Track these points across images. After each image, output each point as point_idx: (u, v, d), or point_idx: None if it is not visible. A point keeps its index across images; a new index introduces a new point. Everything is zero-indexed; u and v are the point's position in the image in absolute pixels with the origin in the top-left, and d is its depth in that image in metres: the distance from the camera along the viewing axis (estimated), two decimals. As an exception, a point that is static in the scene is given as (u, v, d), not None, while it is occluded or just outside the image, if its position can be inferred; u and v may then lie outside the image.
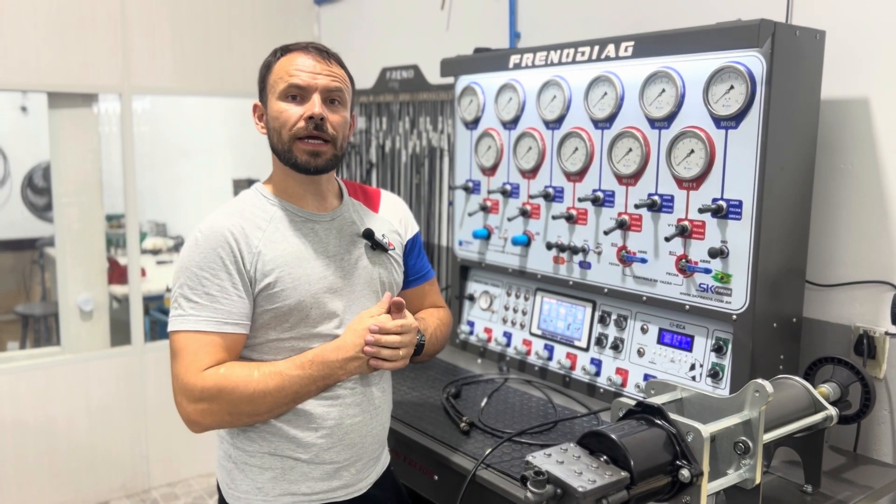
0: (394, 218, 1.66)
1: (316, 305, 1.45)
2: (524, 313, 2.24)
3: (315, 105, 1.42)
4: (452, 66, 2.37)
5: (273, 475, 1.47)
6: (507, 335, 2.28)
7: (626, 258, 1.90)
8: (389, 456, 1.69)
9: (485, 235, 2.31)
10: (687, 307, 1.78)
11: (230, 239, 1.40)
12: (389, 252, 1.59)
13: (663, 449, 1.18)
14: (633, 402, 1.28)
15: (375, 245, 1.56)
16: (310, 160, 1.44)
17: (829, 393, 1.53)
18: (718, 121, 1.68)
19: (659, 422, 1.21)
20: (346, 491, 1.52)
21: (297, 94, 1.43)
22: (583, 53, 1.94)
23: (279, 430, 1.45)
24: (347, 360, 1.41)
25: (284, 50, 1.48)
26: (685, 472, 1.16)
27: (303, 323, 1.45)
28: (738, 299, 1.68)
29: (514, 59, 2.14)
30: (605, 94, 1.91)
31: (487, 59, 2.24)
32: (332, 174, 1.55)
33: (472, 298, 2.43)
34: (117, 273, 4.42)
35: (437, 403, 1.95)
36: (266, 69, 1.49)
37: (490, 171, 2.28)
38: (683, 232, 1.75)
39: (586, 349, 2.05)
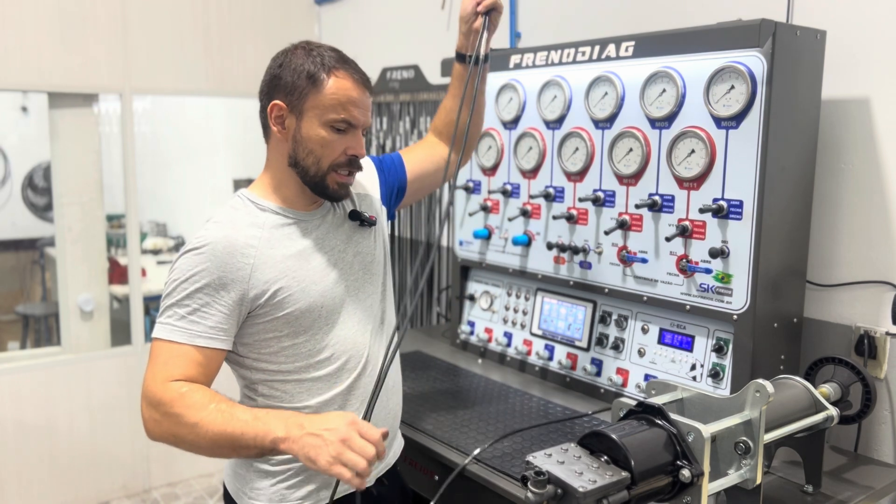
0: (362, 185, 1.66)
1: (326, 303, 1.45)
2: (525, 313, 2.24)
3: (360, 142, 1.45)
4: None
5: (298, 480, 1.46)
6: (508, 335, 2.28)
7: (626, 258, 1.90)
8: (402, 444, 1.70)
9: (485, 235, 2.31)
10: (687, 307, 1.78)
11: (222, 254, 1.37)
12: (374, 228, 1.60)
13: (664, 449, 1.18)
14: (633, 403, 1.28)
15: (364, 223, 1.56)
16: (339, 190, 1.47)
17: (830, 393, 1.53)
18: (719, 121, 1.67)
19: (660, 422, 1.21)
20: (368, 478, 1.53)
21: (345, 128, 1.43)
22: (583, 53, 1.94)
23: None
24: (304, 441, 1.24)
25: (332, 67, 1.41)
26: (686, 473, 1.16)
27: (316, 323, 1.44)
28: (738, 299, 1.68)
29: (514, 58, 2.14)
30: (606, 93, 1.91)
31: (488, 59, 2.24)
32: None
33: (472, 298, 2.43)
34: (118, 273, 4.42)
35: (437, 403, 1.95)
36: (311, 82, 1.41)
37: (490, 171, 2.28)
38: (684, 232, 1.75)
39: (587, 349, 2.05)
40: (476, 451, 1.63)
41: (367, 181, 1.68)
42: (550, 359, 2.14)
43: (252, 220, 1.44)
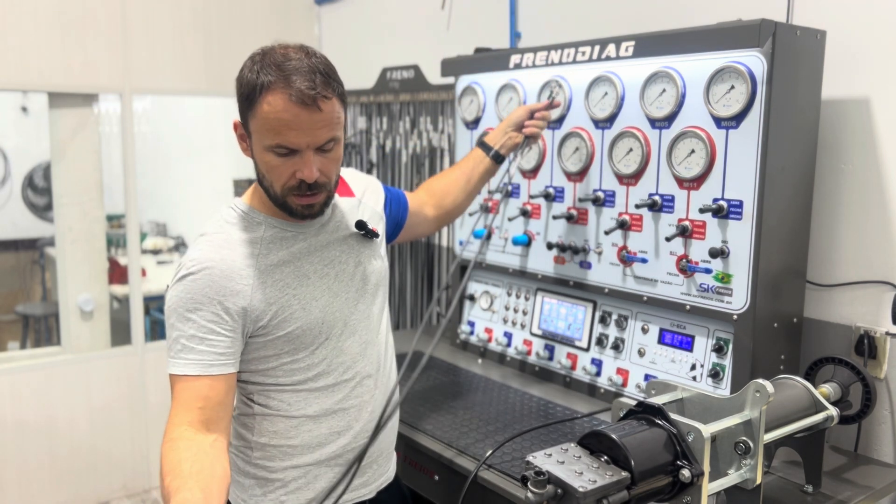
0: (368, 196, 1.63)
1: (327, 318, 1.43)
2: (525, 313, 2.24)
3: (307, 165, 1.31)
4: (453, 66, 2.37)
5: (296, 487, 1.46)
6: (508, 335, 2.28)
7: (626, 258, 1.90)
8: (395, 462, 1.69)
9: (485, 235, 2.31)
10: (687, 307, 1.78)
11: (219, 278, 1.33)
12: (376, 240, 1.57)
13: (664, 449, 1.18)
14: (633, 402, 1.28)
15: (367, 234, 1.53)
16: (304, 211, 1.38)
17: (830, 393, 1.53)
18: (719, 121, 1.67)
19: (660, 422, 1.21)
20: (368, 489, 1.54)
21: (287, 152, 1.31)
22: (583, 53, 1.94)
23: (302, 443, 1.45)
24: None
25: (266, 85, 1.28)
26: (686, 473, 1.16)
27: (317, 339, 1.43)
28: (738, 299, 1.68)
29: (514, 58, 2.14)
30: (606, 93, 1.91)
31: (488, 59, 2.24)
32: None
33: (472, 298, 2.43)
34: (118, 273, 4.42)
35: (437, 403, 1.95)
36: (248, 104, 1.32)
37: (490, 171, 2.28)
38: (684, 232, 1.75)
39: (587, 349, 2.04)
40: (489, 454, 1.62)
41: (373, 196, 1.65)
42: (550, 359, 2.14)
43: (247, 236, 1.40)
